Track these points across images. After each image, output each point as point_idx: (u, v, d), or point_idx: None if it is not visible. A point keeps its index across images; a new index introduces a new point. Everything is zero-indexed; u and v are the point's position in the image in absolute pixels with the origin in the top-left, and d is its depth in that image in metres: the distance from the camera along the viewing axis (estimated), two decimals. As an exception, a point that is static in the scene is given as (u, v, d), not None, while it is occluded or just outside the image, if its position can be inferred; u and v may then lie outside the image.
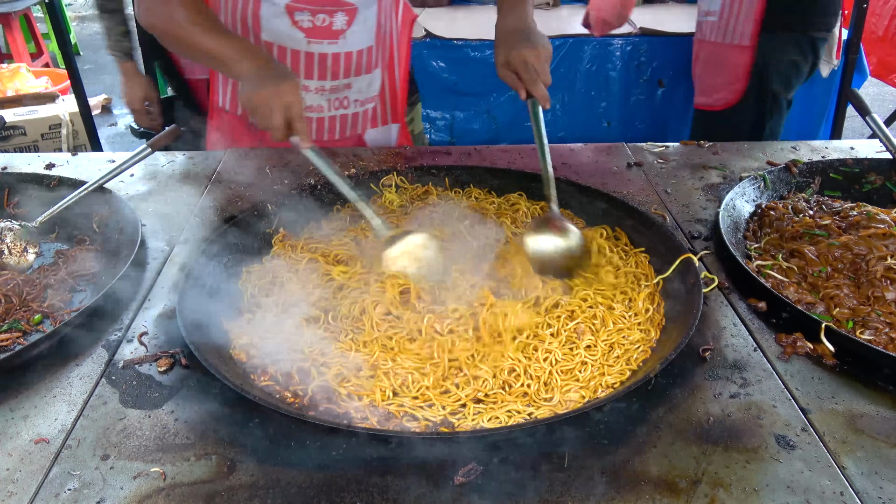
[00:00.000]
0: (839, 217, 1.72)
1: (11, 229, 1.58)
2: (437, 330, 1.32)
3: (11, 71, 5.43)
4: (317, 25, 1.92)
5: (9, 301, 1.43)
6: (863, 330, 1.35)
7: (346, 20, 1.93)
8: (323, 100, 2.06)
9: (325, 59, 1.98)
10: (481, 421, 1.17)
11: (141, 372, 1.25)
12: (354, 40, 1.99)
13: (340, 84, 2.05)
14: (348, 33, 1.96)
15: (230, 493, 1.02)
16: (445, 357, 1.27)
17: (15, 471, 1.05)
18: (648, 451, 1.09)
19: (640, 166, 2.05)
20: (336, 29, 1.94)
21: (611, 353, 1.31)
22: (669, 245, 1.50)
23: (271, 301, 1.43)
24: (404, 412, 1.19)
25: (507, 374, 1.25)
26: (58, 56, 6.80)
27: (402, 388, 1.23)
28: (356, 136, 2.21)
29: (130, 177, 1.94)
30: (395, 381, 1.23)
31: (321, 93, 2.04)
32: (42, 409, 1.17)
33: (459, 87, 4.10)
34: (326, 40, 1.95)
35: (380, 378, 1.23)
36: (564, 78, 4.00)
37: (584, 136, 4.09)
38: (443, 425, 1.17)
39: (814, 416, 1.17)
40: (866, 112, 2.00)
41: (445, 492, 1.02)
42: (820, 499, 1.01)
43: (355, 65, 2.04)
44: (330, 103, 2.08)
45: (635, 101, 4.11)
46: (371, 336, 1.33)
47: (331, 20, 1.92)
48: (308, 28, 1.91)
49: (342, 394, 1.21)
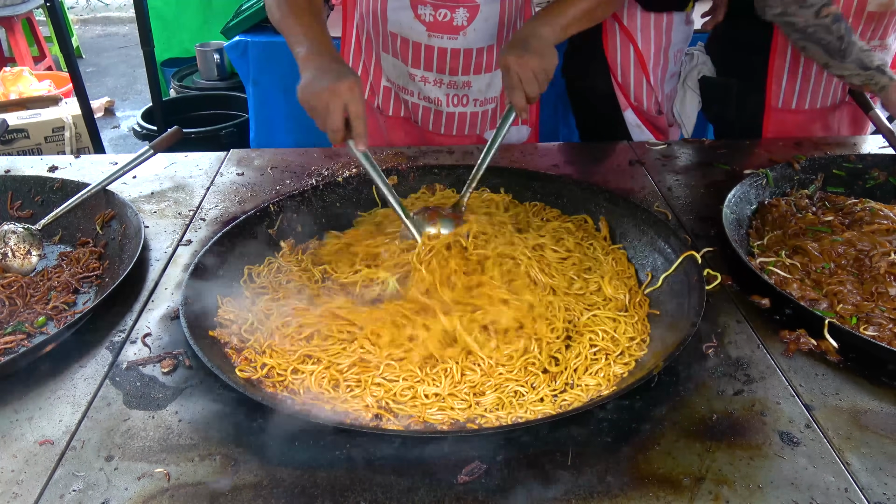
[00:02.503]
0: (842, 213, 1.72)
1: (15, 232, 1.59)
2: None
3: (14, 74, 5.44)
4: (438, 20, 1.97)
5: (13, 303, 1.43)
6: (866, 326, 1.35)
7: (466, 17, 1.96)
8: (441, 93, 2.11)
9: (445, 53, 2.02)
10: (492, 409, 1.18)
11: (144, 373, 1.25)
12: (475, 38, 2.02)
13: (459, 81, 2.09)
14: (469, 30, 1.99)
15: (234, 493, 1.02)
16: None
17: (20, 472, 1.05)
18: (652, 448, 1.09)
19: (643, 164, 2.05)
20: (457, 25, 1.98)
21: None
22: (672, 243, 1.50)
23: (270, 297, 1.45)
24: (406, 412, 1.19)
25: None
26: (60, 59, 6.82)
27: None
28: (475, 136, 2.24)
29: (133, 178, 1.95)
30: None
31: (439, 85, 2.09)
32: (46, 410, 1.17)
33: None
34: (447, 35, 1.99)
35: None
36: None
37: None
38: (448, 424, 1.17)
39: (818, 412, 1.16)
40: (869, 108, 1.99)
41: (449, 490, 1.02)
42: (824, 495, 1.01)
43: (475, 63, 2.07)
44: (448, 98, 2.13)
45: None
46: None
47: (452, 15, 1.96)
48: (430, 22, 1.97)
49: (342, 388, 1.23)
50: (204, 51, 5.25)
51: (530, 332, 1.32)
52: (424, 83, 2.09)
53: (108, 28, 9.90)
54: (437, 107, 2.15)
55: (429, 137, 2.23)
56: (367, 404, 1.20)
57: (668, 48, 2.27)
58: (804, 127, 2.29)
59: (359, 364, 1.27)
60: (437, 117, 2.17)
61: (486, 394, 1.23)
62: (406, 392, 1.22)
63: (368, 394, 1.21)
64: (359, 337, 1.31)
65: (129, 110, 6.74)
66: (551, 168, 2.01)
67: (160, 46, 5.16)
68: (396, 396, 1.22)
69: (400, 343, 1.30)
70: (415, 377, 1.25)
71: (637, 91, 2.29)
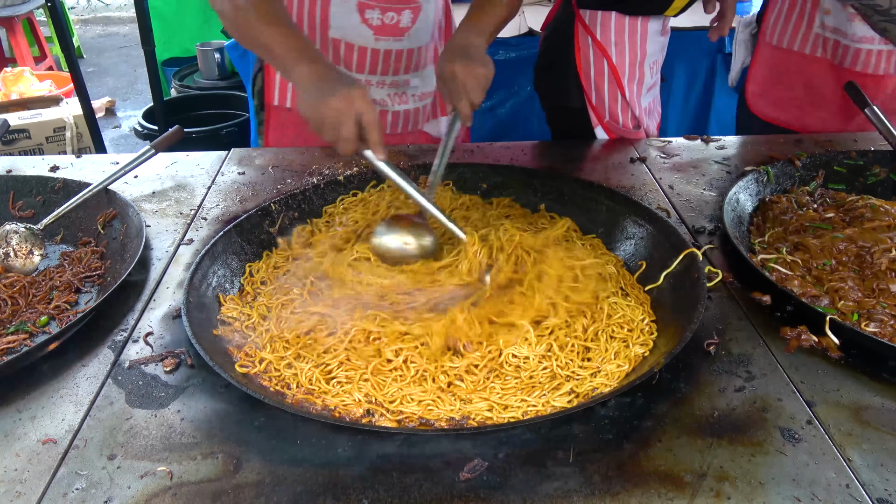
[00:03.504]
0: (843, 210, 1.72)
1: (17, 232, 1.59)
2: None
3: (15, 74, 5.45)
4: (385, 23, 1.95)
5: (15, 303, 1.44)
6: (868, 322, 1.35)
7: (411, 17, 1.96)
8: (385, 94, 2.10)
9: (390, 55, 2.01)
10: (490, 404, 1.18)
11: (147, 372, 1.25)
12: (417, 37, 2.02)
13: (401, 80, 2.08)
14: (412, 31, 1.99)
15: (237, 491, 1.02)
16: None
17: (23, 471, 1.06)
18: (653, 445, 1.09)
19: (644, 161, 2.05)
20: (402, 27, 1.97)
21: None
22: (673, 240, 1.50)
23: (271, 289, 1.46)
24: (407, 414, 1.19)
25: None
26: (61, 59, 6.83)
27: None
28: (418, 131, 2.24)
29: (135, 178, 1.95)
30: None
31: (382, 86, 2.07)
32: (49, 409, 1.18)
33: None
34: (393, 37, 1.98)
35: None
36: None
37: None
38: (447, 421, 1.17)
39: (819, 408, 1.16)
40: (865, 104, 1.99)
41: (451, 488, 1.02)
42: (826, 491, 1.01)
43: (415, 61, 2.07)
44: (391, 98, 2.12)
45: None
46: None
47: (398, 18, 1.94)
48: (377, 26, 1.94)
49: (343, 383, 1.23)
50: (205, 50, 5.25)
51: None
52: (368, 86, 2.05)
53: (109, 28, 9.91)
54: (381, 107, 2.11)
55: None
56: (356, 399, 1.20)
57: (644, 61, 2.17)
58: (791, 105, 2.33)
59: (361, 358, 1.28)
60: (381, 118, 2.14)
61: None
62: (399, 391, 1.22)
63: (356, 389, 1.21)
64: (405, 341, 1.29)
65: (130, 110, 6.75)
66: (551, 166, 2.01)
67: (161, 46, 5.17)
68: (386, 396, 1.21)
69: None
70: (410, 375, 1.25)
71: (612, 107, 2.20)
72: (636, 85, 2.20)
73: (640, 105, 2.23)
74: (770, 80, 2.45)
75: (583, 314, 1.35)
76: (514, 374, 1.25)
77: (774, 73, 2.43)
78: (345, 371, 1.25)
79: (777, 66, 2.42)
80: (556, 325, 1.32)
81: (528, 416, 1.17)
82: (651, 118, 2.37)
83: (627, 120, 2.23)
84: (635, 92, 2.21)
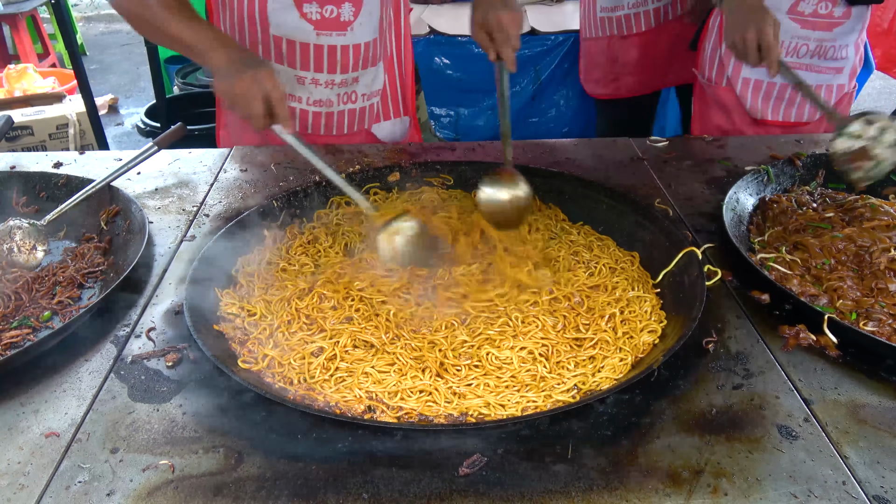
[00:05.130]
0: (843, 209, 1.72)
1: (20, 227, 1.60)
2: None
3: (19, 71, 5.46)
4: (325, 17, 1.94)
5: (18, 298, 1.44)
6: (866, 321, 1.35)
7: (353, 11, 1.95)
8: (332, 94, 2.08)
9: (335, 51, 2.00)
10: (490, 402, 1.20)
11: (149, 367, 1.26)
12: (361, 32, 2.01)
13: (349, 78, 2.07)
14: (355, 25, 1.98)
15: (238, 485, 1.03)
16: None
17: (26, 464, 1.07)
18: (652, 441, 1.10)
19: (644, 160, 2.05)
20: (344, 20, 1.95)
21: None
22: (673, 238, 1.51)
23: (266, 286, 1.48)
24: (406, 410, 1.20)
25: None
26: (64, 56, 6.84)
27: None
28: (364, 131, 2.22)
29: (137, 175, 1.96)
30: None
31: (330, 87, 2.06)
32: (52, 403, 1.18)
33: (463, 84, 4.09)
34: (335, 32, 1.97)
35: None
36: (569, 73, 3.99)
37: (587, 132, 4.09)
38: (446, 417, 1.18)
39: (816, 406, 1.17)
40: (796, 80, 1.88)
41: (450, 483, 1.03)
42: (822, 488, 1.02)
43: (363, 58, 2.05)
44: (339, 98, 2.10)
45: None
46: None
47: (338, 11, 1.93)
48: (317, 20, 1.93)
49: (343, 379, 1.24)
50: (207, 48, 5.25)
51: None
52: (315, 85, 2.04)
53: (112, 25, 9.91)
54: (327, 108, 2.10)
55: (316, 141, 2.16)
56: (357, 396, 1.21)
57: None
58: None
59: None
60: (328, 119, 2.13)
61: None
62: (398, 384, 1.23)
63: (356, 385, 1.22)
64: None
65: (132, 107, 6.75)
66: (553, 165, 2.02)
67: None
68: (387, 391, 1.22)
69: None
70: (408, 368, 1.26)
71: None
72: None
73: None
74: (588, 67, 3.14)
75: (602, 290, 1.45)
76: (499, 372, 1.27)
77: (590, 61, 3.13)
78: (347, 363, 1.27)
79: (588, 54, 3.13)
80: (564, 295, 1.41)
81: (526, 412, 1.18)
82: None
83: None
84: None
